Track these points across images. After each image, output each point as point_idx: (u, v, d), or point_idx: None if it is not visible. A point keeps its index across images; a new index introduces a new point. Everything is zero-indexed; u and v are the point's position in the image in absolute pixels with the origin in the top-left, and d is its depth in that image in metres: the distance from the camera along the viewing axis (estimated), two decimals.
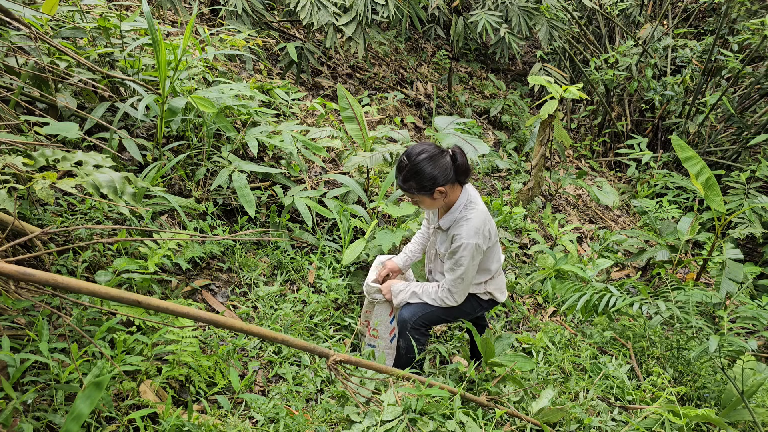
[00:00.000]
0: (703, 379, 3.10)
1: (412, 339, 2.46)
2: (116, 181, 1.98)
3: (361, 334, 2.90)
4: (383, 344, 2.74)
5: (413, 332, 2.48)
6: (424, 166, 2.15)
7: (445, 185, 2.21)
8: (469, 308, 2.55)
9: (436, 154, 2.18)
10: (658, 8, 7.91)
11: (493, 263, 2.47)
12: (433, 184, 2.18)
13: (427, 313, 2.47)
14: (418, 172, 2.16)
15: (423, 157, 2.15)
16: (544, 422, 2.29)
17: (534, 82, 4.26)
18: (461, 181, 2.30)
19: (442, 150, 2.22)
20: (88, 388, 1.44)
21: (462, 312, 2.55)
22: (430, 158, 2.15)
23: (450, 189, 2.27)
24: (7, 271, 1.37)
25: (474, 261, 2.29)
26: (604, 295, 3.03)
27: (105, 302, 2.19)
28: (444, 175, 2.18)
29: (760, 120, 6.16)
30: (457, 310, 2.51)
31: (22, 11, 2.76)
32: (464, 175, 2.27)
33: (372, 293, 2.70)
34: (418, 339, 2.49)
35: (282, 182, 3.49)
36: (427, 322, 2.50)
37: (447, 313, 2.49)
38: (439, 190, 2.20)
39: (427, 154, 2.16)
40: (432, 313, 2.47)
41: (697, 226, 4.13)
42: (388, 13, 4.61)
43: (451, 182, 2.24)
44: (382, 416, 1.98)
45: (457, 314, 2.54)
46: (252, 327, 1.73)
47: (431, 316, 2.48)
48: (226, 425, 2.09)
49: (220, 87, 3.32)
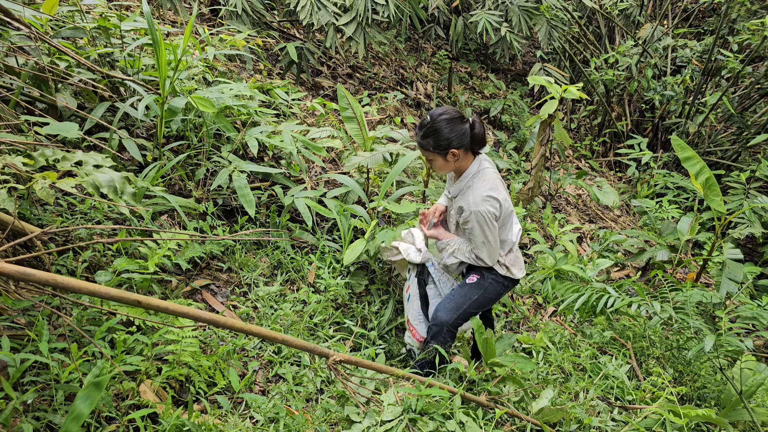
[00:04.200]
0: (703, 379, 3.10)
1: (445, 341, 2.53)
2: (116, 181, 1.98)
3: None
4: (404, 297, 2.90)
5: (448, 334, 2.53)
6: (443, 127, 2.27)
7: (459, 149, 2.31)
8: (493, 291, 2.56)
9: (456, 118, 2.29)
10: (658, 8, 7.91)
11: (507, 234, 2.51)
12: (448, 145, 2.29)
13: (462, 313, 2.52)
14: (436, 130, 2.28)
15: (444, 118, 2.28)
16: (544, 422, 2.29)
17: (534, 82, 4.26)
18: (474, 150, 2.39)
19: (463, 116, 2.33)
20: (88, 388, 1.44)
21: (489, 299, 2.57)
22: (450, 120, 2.28)
23: (463, 155, 2.35)
24: (7, 271, 1.37)
25: (487, 228, 2.33)
26: (602, 295, 3.02)
27: (105, 302, 2.19)
28: (459, 139, 2.29)
29: (760, 120, 6.16)
30: (484, 297, 2.54)
31: (22, 11, 2.76)
32: (479, 145, 2.36)
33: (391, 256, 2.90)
34: (451, 341, 2.57)
35: (282, 182, 3.49)
36: (462, 321, 2.54)
37: (478, 305, 2.54)
38: (453, 152, 2.31)
39: (448, 116, 2.28)
40: (466, 311, 2.53)
41: (697, 226, 4.13)
42: (388, 13, 4.61)
43: (465, 148, 2.33)
44: (382, 416, 1.98)
45: (485, 302, 2.56)
46: (252, 327, 1.73)
47: (465, 314, 2.53)
48: (226, 425, 2.09)
49: (220, 87, 3.32)
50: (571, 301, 3.09)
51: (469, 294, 2.53)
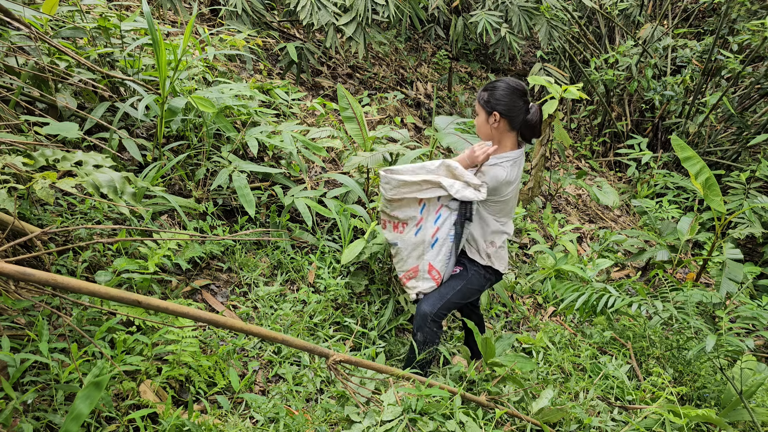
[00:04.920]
0: (703, 379, 3.10)
1: (431, 332, 2.51)
2: (116, 181, 1.98)
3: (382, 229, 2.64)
4: (407, 240, 2.51)
5: (433, 325, 2.51)
6: (501, 89, 2.33)
7: (502, 118, 2.34)
8: (476, 282, 2.56)
9: (519, 91, 2.34)
10: (658, 8, 7.91)
11: (506, 226, 2.53)
12: (495, 105, 2.33)
13: (445, 303, 2.51)
14: (495, 88, 2.35)
15: (508, 83, 2.35)
16: (544, 422, 2.29)
17: (534, 82, 4.26)
18: (522, 134, 2.41)
19: (526, 94, 2.36)
20: (88, 388, 1.44)
21: (472, 290, 2.56)
22: (511, 89, 2.33)
23: (505, 129, 2.37)
24: (7, 271, 1.37)
25: (499, 182, 2.34)
26: (603, 295, 3.02)
27: (105, 302, 2.19)
28: (509, 108, 2.32)
29: (760, 120, 6.16)
30: (467, 288, 2.53)
31: (22, 11, 2.76)
32: (527, 130, 2.39)
33: (395, 186, 2.39)
34: (436, 332, 2.53)
35: (282, 182, 3.49)
36: (446, 311, 2.53)
37: (462, 295, 2.54)
38: (495, 115, 2.34)
39: (513, 84, 2.34)
40: (450, 300, 2.52)
41: (697, 226, 4.13)
42: (388, 13, 4.61)
43: (510, 122, 2.35)
44: (382, 416, 1.98)
45: (468, 293, 2.56)
46: (252, 327, 1.74)
47: (449, 305, 2.53)
48: (226, 425, 2.09)
49: (220, 87, 3.32)
50: (571, 301, 3.09)
51: (451, 284, 2.55)
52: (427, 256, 2.49)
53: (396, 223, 2.52)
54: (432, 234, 2.47)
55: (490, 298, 3.68)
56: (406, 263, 2.55)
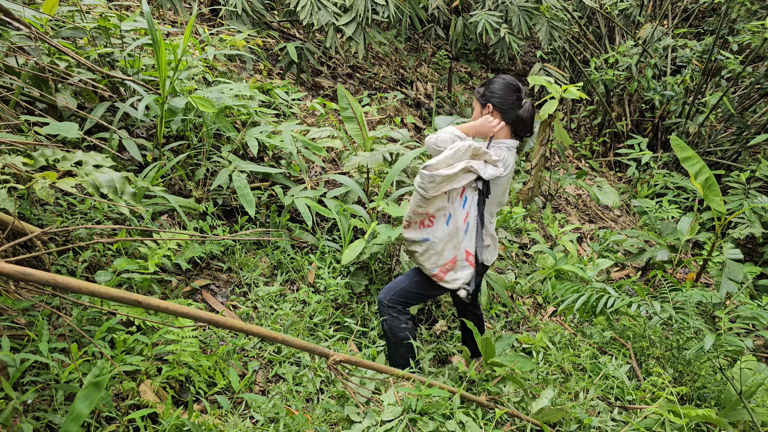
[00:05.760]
0: (703, 379, 3.10)
1: (393, 318, 2.54)
2: (116, 181, 1.98)
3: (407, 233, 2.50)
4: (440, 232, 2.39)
5: (391, 311, 2.55)
6: (497, 83, 2.43)
7: (495, 111, 2.42)
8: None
9: (514, 87, 2.41)
10: (658, 8, 7.91)
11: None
12: (490, 98, 2.42)
13: (399, 291, 2.55)
14: (491, 83, 2.44)
15: (505, 79, 2.44)
16: (544, 422, 2.29)
17: (534, 82, 4.26)
18: (514, 130, 2.47)
19: (520, 92, 2.43)
20: (88, 388, 1.44)
21: (435, 285, 2.50)
22: (507, 84, 2.42)
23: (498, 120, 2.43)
24: (7, 271, 1.37)
25: None
26: (603, 295, 3.02)
27: (105, 302, 2.19)
28: (502, 101, 2.41)
29: (760, 120, 6.16)
30: (429, 282, 2.51)
31: (22, 11, 2.76)
32: (519, 124, 2.45)
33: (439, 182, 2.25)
34: (399, 318, 2.55)
35: (282, 182, 3.50)
36: (401, 299, 2.55)
37: (420, 287, 2.54)
38: (489, 107, 2.42)
39: (509, 80, 2.43)
40: (404, 289, 2.55)
41: (697, 226, 4.13)
42: (388, 13, 4.61)
43: (504, 115, 2.42)
44: (382, 416, 1.98)
45: (430, 288, 2.54)
46: (252, 327, 1.74)
47: (404, 293, 2.55)
48: (226, 425, 2.09)
49: (220, 87, 3.32)
50: (571, 301, 3.09)
51: (410, 274, 2.59)
52: (464, 244, 2.44)
53: (423, 219, 2.41)
54: (464, 219, 2.41)
55: (490, 298, 3.68)
56: (442, 257, 2.42)
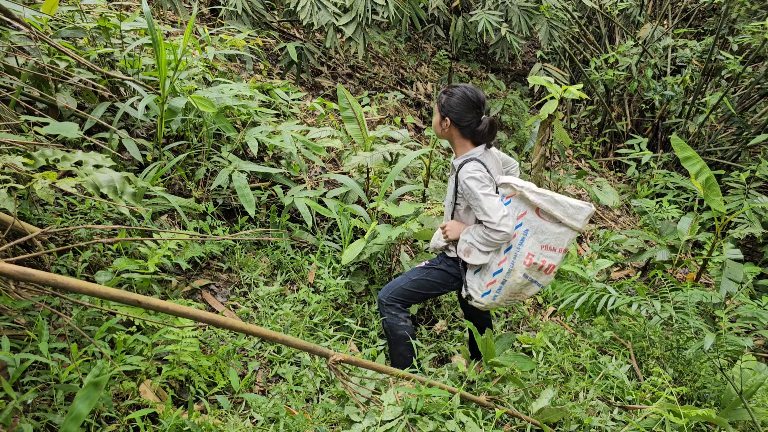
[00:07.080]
0: (703, 379, 3.10)
1: (392, 317, 2.56)
2: (116, 181, 1.98)
3: None
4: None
5: (389, 309, 2.57)
6: (457, 96, 2.39)
7: (452, 124, 2.41)
8: (439, 277, 2.56)
9: (473, 102, 2.37)
10: (658, 8, 7.91)
11: None
12: (447, 112, 2.41)
13: (397, 290, 2.56)
14: (452, 95, 2.41)
15: (464, 92, 2.39)
16: (544, 422, 2.29)
17: (534, 82, 4.26)
18: (473, 141, 2.45)
19: (479, 106, 2.39)
20: (87, 388, 1.44)
21: (432, 283, 2.56)
22: (466, 99, 2.38)
23: (456, 134, 2.44)
24: (7, 271, 1.37)
25: (484, 189, 2.33)
26: (603, 295, 3.02)
27: (105, 302, 2.19)
28: (459, 117, 2.39)
29: (760, 120, 6.16)
30: (425, 280, 2.55)
31: (22, 11, 2.76)
32: (478, 137, 2.43)
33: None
34: (398, 316, 2.56)
35: (282, 182, 3.49)
36: (400, 297, 2.56)
37: (418, 286, 2.56)
38: (446, 120, 2.41)
39: (469, 94, 2.38)
40: (402, 288, 2.56)
41: (697, 226, 4.13)
42: (388, 13, 4.61)
43: (461, 130, 2.41)
44: (382, 416, 1.98)
45: (427, 286, 2.57)
46: (252, 327, 1.74)
47: (402, 291, 2.56)
48: (226, 425, 2.09)
49: (220, 87, 3.32)
50: (571, 301, 3.09)
51: (408, 274, 2.60)
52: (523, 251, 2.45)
53: None
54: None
55: None
56: None
